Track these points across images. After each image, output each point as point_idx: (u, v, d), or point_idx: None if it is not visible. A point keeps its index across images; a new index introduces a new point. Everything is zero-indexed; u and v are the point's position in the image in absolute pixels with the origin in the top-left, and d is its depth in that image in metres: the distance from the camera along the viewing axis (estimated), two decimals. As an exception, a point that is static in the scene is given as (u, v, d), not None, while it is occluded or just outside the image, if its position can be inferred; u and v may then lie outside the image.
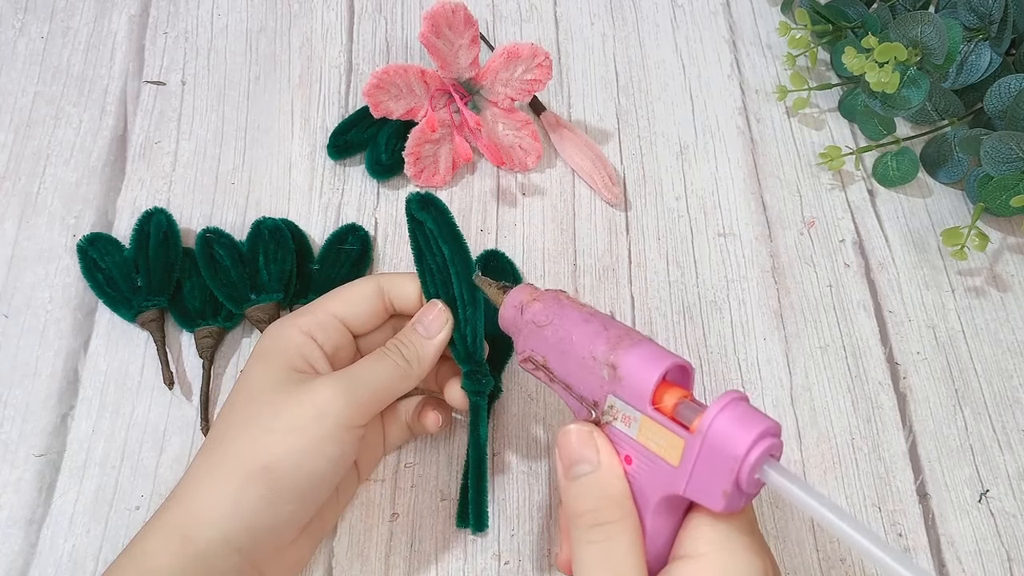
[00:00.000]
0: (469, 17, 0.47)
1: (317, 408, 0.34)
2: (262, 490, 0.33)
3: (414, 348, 0.38)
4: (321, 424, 0.34)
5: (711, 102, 0.57)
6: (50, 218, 0.49)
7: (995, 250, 0.52)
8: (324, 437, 0.34)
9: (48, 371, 0.44)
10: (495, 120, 0.52)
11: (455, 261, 0.39)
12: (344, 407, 0.34)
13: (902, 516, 0.43)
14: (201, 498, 0.33)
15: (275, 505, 0.34)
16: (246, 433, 0.34)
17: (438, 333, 0.38)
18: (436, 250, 0.39)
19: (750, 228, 0.52)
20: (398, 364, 0.37)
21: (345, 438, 0.35)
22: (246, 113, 0.54)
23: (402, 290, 0.39)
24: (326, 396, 0.34)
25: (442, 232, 0.39)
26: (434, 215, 0.39)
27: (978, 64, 0.52)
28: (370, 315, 0.39)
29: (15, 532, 0.40)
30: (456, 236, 0.39)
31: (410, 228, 0.40)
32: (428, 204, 0.40)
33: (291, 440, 0.34)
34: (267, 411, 0.34)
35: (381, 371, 0.36)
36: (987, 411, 0.47)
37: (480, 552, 0.41)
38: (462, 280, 0.39)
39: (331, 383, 0.35)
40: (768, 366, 0.47)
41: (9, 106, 0.53)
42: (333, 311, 0.38)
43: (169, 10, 0.58)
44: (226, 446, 0.34)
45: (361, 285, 0.39)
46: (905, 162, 0.53)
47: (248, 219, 0.49)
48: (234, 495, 0.33)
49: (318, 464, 0.34)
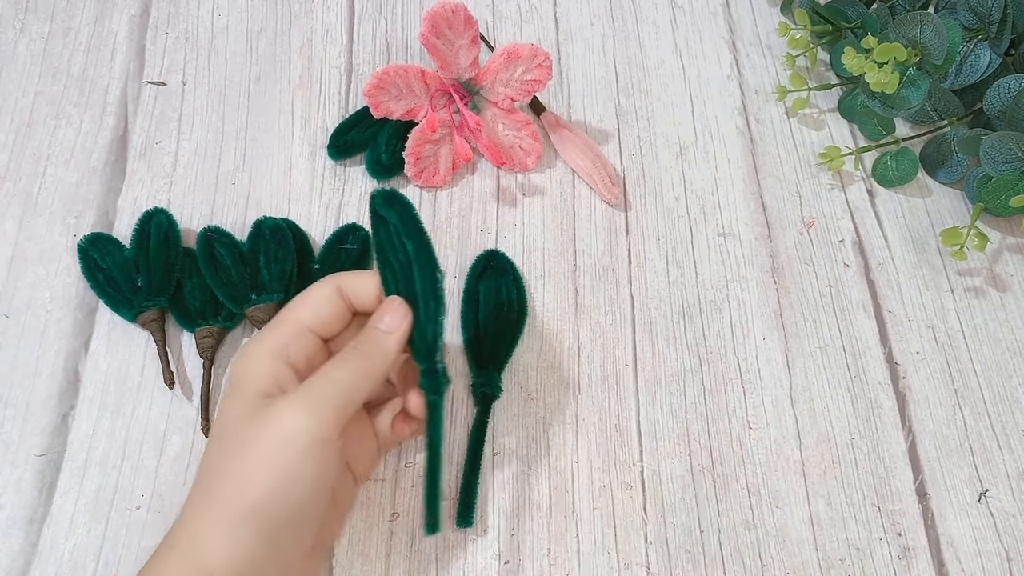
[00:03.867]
0: (469, 18, 0.47)
1: (283, 432, 0.33)
2: (255, 529, 0.33)
3: (374, 344, 0.37)
4: (292, 448, 0.33)
5: (711, 102, 0.57)
6: (51, 218, 0.49)
7: (994, 250, 0.52)
8: (299, 460, 0.33)
9: (49, 371, 0.44)
10: (495, 120, 0.52)
11: (419, 257, 0.38)
12: (309, 424, 0.34)
13: (902, 516, 0.43)
14: (201, 544, 0.33)
15: (272, 539, 0.33)
16: (228, 472, 0.34)
17: (398, 328, 0.37)
18: (399, 246, 0.38)
19: (750, 228, 0.52)
20: (359, 365, 0.36)
21: (321, 454, 0.34)
22: (246, 113, 0.54)
23: (361, 289, 0.38)
24: (289, 418, 0.34)
25: (407, 228, 0.38)
26: (399, 211, 0.39)
27: (977, 64, 0.52)
28: (335, 317, 0.38)
29: (16, 532, 0.40)
30: (420, 232, 0.38)
31: (373, 224, 0.39)
32: (393, 200, 0.39)
33: (269, 474, 0.33)
34: (240, 446, 0.34)
35: (341, 376, 0.35)
36: (986, 411, 0.47)
37: (480, 552, 0.41)
38: (425, 277, 0.38)
39: (291, 402, 0.34)
40: (768, 366, 0.47)
41: (10, 106, 0.53)
42: (300, 320, 0.37)
43: (169, 10, 0.58)
44: (213, 488, 0.34)
45: (321, 289, 0.38)
46: (904, 162, 0.53)
47: (248, 219, 0.49)
48: (230, 538, 0.33)
49: (302, 489, 0.34)
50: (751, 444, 0.45)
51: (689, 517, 0.43)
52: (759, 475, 0.44)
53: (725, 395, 0.46)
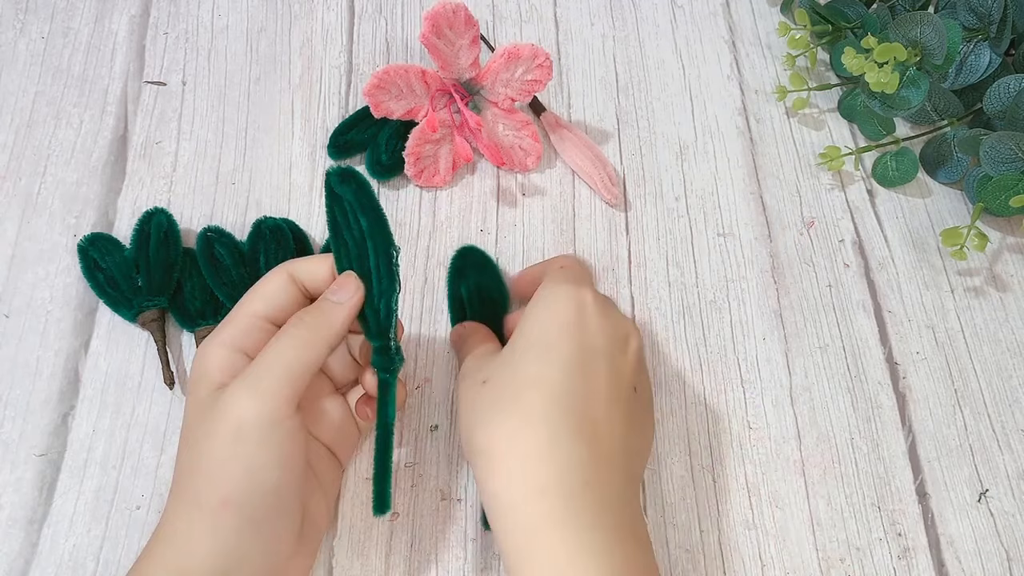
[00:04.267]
0: (470, 18, 0.47)
1: (233, 421, 0.33)
2: (233, 522, 0.32)
3: (318, 313, 0.36)
4: (247, 435, 0.33)
5: (711, 102, 0.57)
6: (51, 218, 0.49)
7: (994, 250, 0.52)
8: (258, 447, 0.33)
9: (49, 371, 0.44)
10: (495, 120, 0.52)
11: (373, 234, 0.38)
12: (258, 407, 0.33)
13: (902, 516, 0.43)
14: (182, 542, 0.33)
15: (253, 529, 0.33)
16: (197, 468, 0.33)
17: (348, 300, 0.37)
18: (354, 224, 0.38)
19: (750, 228, 0.52)
20: (301, 335, 0.35)
21: (279, 436, 0.33)
22: (246, 113, 0.54)
23: (314, 272, 0.38)
24: (234, 405, 0.33)
25: (361, 204, 0.38)
26: (354, 188, 0.38)
27: (977, 64, 0.52)
28: (289, 304, 0.37)
29: (16, 532, 0.40)
30: (376, 208, 0.38)
31: (327, 202, 0.38)
32: (348, 178, 0.38)
33: (233, 465, 0.33)
34: (204, 440, 0.33)
35: (281, 351, 0.34)
36: (986, 411, 0.47)
37: (480, 552, 0.41)
38: (379, 253, 0.38)
39: (237, 387, 0.33)
40: (768, 366, 0.47)
41: (10, 106, 0.53)
42: (253, 312, 0.36)
43: (169, 10, 0.58)
44: (186, 485, 0.34)
45: (272, 278, 0.37)
46: (904, 162, 0.53)
47: (248, 219, 0.49)
48: (209, 533, 0.32)
49: (270, 473, 0.33)
50: (751, 444, 0.45)
51: (689, 517, 0.43)
52: (759, 475, 0.44)
53: (725, 395, 0.46)
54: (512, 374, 0.36)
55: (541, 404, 0.34)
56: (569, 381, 0.35)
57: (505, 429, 0.34)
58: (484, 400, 0.36)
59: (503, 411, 0.35)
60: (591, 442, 0.34)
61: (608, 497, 0.34)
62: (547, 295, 0.38)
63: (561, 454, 0.33)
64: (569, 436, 0.34)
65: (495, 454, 0.34)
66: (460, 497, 0.42)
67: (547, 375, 0.35)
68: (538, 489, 0.33)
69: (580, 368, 0.36)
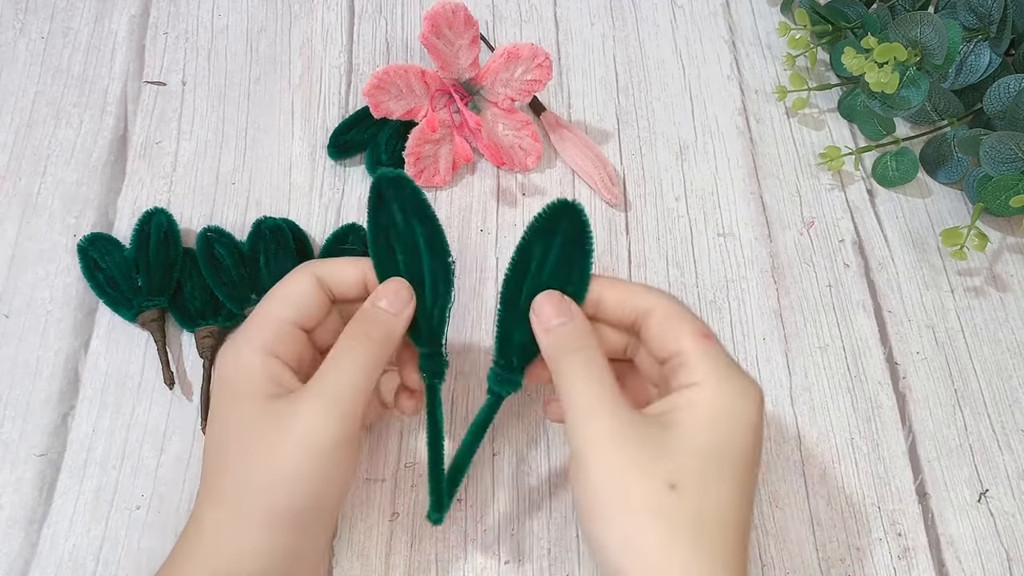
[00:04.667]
0: (469, 18, 0.47)
1: (311, 439, 0.32)
2: (290, 530, 0.32)
3: (380, 327, 0.36)
4: (322, 452, 0.33)
5: (711, 102, 0.57)
6: (50, 218, 0.49)
7: (994, 250, 0.52)
8: (329, 463, 0.33)
9: (48, 371, 0.44)
10: (495, 120, 0.52)
11: (431, 241, 0.37)
12: (335, 426, 0.33)
13: (902, 516, 0.43)
14: (228, 552, 0.32)
15: (305, 536, 0.33)
16: (251, 480, 0.33)
17: (404, 309, 0.36)
18: (405, 230, 0.37)
19: (750, 228, 0.52)
20: (369, 351, 0.35)
21: (347, 453, 0.34)
22: (246, 113, 0.54)
23: (342, 278, 0.37)
24: (312, 424, 0.33)
25: (417, 211, 0.37)
26: (408, 194, 0.38)
27: (977, 64, 0.52)
28: (317, 309, 0.36)
29: (15, 532, 0.40)
30: (432, 216, 0.38)
31: (372, 206, 0.38)
32: (402, 183, 0.38)
33: (301, 480, 0.32)
34: (263, 453, 0.33)
35: (356, 368, 0.34)
36: (986, 411, 0.47)
37: (480, 552, 0.41)
38: (437, 260, 0.37)
39: (314, 407, 0.33)
40: (768, 366, 0.47)
41: (10, 106, 0.53)
42: (283, 317, 0.35)
43: (169, 10, 0.58)
44: (236, 495, 0.33)
45: (299, 281, 0.36)
46: (905, 162, 0.53)
47: (248, 219, 0.49)
48: (262, 544, 0.32)
49: (332, 490, 0.34)
50: (751, 444, 0.45)
51: (689, 517, 0.43)
52: (759, 475, 0.44)
53: (725, 395, 0.46)
54: (711, 495, 0.31)
55: (738, 543, 0.32)
56: (751, 507, 0.33)
57: (696, 565, 0.30)
58: (675, 513, 0.31)
59: (703, 543, 0.31)
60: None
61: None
62: (736, 397, 0.33)
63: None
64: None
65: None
66: (460, 498, 0.42)
67: (743, 508, 0.32)
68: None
69: (755, 488, 0.34)
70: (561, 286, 0.37)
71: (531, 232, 0.38)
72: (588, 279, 0.37)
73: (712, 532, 0.31)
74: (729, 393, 0.33)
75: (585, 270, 0.37)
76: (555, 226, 0.37)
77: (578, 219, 0.37)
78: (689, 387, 0.34)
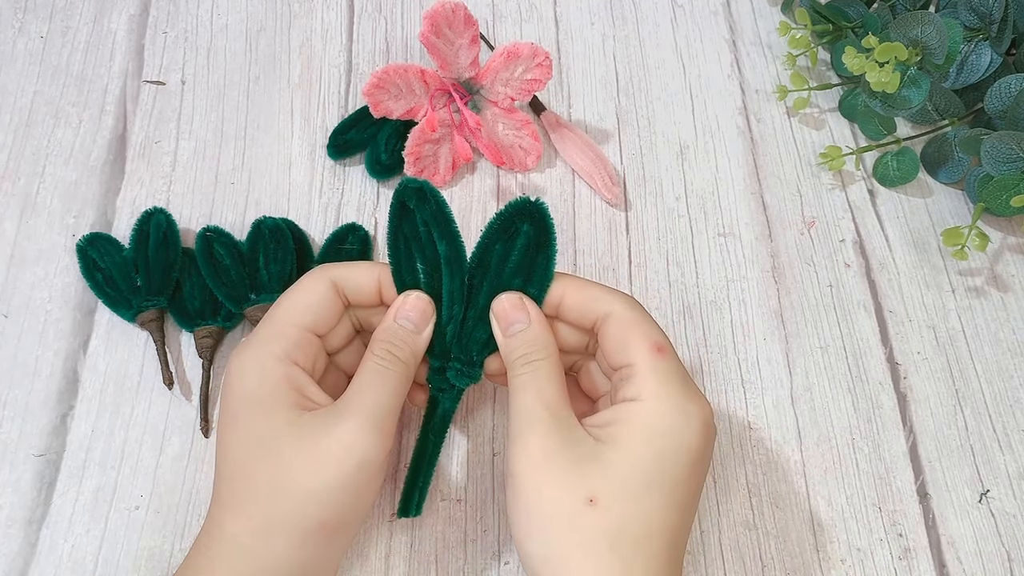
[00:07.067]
0: (469, 17, 0.47)
1: (355, 456, 0.32)
2: (322, 541, 0.33)
3: (407, 346, 0.36)
4: (367, 470, 0.33)
5: (711, 102, 0.57)
6: (49, 218, 0.49)
7: (995, 250, 0.52)
8: (367, 481, 0.33)
9: (48, 371, 0.44)
10: (495, 120, 0.52)
11: (451, 259, 0.37)
12: (375, 445, 0.33)
13: (902, 516, 0.43)
14: (255, 561, 0.32)
15: (334, 544, 0.34)
16: (284, 491, 0.32)
17: (425, 327, 0.37)
18: (427, 243, 0.37)
19: (750, 228, 0.52)
20: (400, 370, 0.35)
21: (380, 470, 0.34)
22: (246, 113, 0.54)
23: (358, 282, 0.37)
24: (359, 442, 0.33)
25: (440, 226, 0.37)
26: (433, 208, 0.37)
27: (978, 64, 0.52)
28: (333, 314, 0.36)
29: (15, 532, 0.40)
30: (455, 233, 0.37)
31: (393, 215, 0.37)
32: (428, 195, 0.37)
33: (338, 495, 0.32)
34: (297, 465, 0.32)
35: (390, 388, 0.35)
36: (987, 411, 0.47)
37: (480, 552, 0.41)
38: (455, 279, 0.37)
39: (354, 425, 0.33)
40: (768, 366, 0.47)
41: (8, 106, 0.53)
42: (299, 323, 0.35)
43: (169, 10, 0.58)
44: (265, 509, 0.32)
45: (314, 285, 0.36)
46: (905, 162, 0.53)
47: (248, 219, 0.49)
48: (294, 555, 0.32)
49: (365, 505, 0.34)
50: (751, 444, 0.45)
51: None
52: (759, 475, 0.44)
53: (725, 395, 0.46)
54: (634, 510, 0.32)
55: (665, 555, 0.32)
56: (689, 521, 0.34)
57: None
58: (591, 528, 0.32)
59: (621, 556, 0.31)
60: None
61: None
62: (676, 416, 0.33)
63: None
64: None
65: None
66: (460, 498, 0.42)
67: (673, 521, 0.33)
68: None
69: (696, 503, 0.34)
70: (522, 286, 0.37)
71: (492, 230, 0.37)
72: (550, 279, 0.37)
73: (635, 546, 0.31)
74: (670, 412, 0.33)
75: (548, 270, 0.37)
76: (518, 225, 0.37)
77: (542, 219, 0.37)
78: (631, 401, 0.34)
